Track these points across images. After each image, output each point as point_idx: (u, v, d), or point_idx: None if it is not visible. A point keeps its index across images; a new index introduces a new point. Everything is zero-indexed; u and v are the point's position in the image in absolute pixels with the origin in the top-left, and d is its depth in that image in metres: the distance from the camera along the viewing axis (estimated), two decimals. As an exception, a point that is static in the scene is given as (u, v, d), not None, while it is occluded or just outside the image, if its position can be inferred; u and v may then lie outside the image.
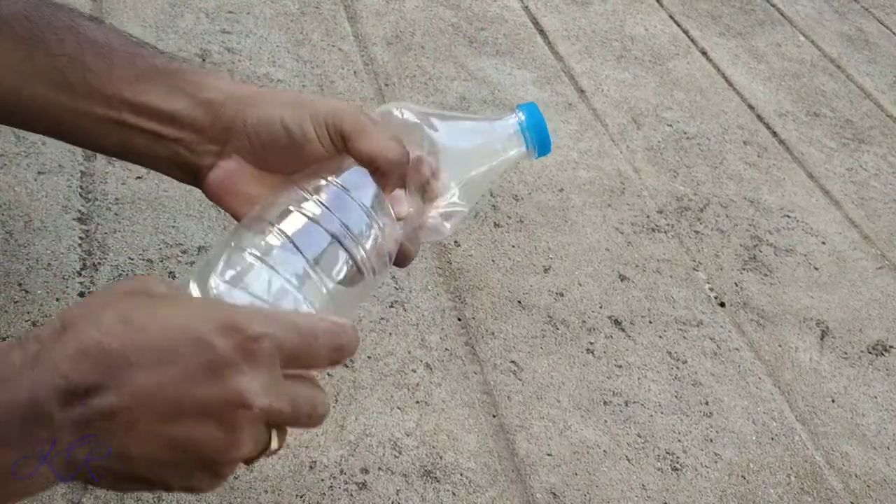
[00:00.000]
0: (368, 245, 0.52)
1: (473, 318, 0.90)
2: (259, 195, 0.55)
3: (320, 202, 0.51)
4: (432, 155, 0.57)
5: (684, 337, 0.95)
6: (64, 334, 0.39)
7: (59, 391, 0.38)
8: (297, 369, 0.44)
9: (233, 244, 0.50)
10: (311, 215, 0.51)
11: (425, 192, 0.57)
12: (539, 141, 0.59)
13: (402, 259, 0.56)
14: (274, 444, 0.43)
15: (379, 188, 0.54)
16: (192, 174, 0.57)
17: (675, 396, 0.88)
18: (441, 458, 0.76)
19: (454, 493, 0.74)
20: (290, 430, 0.45)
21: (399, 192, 0.55)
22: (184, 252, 0.86)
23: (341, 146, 0.54)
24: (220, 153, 0.56)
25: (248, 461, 0.43)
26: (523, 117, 0.59)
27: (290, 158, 0.55)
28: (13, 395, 0.38)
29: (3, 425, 0.38)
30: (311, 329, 0.44)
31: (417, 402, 0.80)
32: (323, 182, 0.53)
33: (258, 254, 0.49)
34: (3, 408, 0.38)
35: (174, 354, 0.39)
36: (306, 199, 0.52)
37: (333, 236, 0.51)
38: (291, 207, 0.51)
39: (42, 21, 0.53)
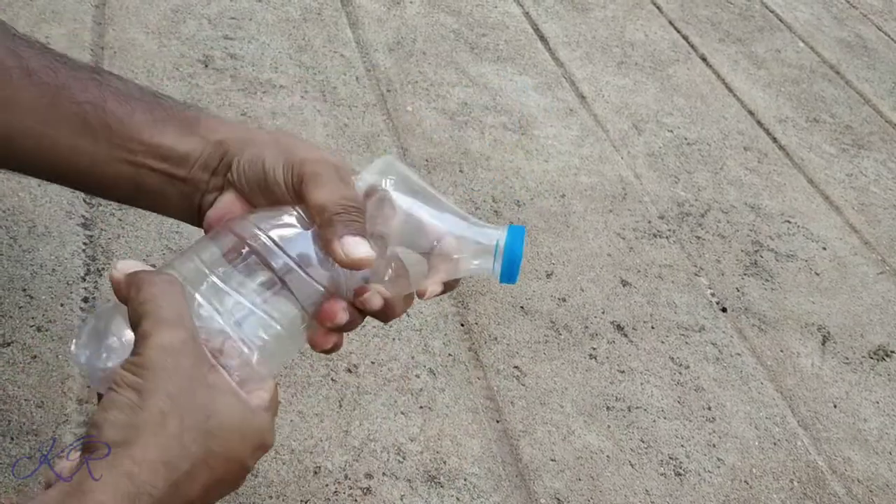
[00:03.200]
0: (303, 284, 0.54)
1: (476, 324, 0.90)
2: None
3: (261, 246, 0.54)
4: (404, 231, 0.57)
5: (686, 342, 0.95)
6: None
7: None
8: None
9: (214, 277, 0.53)
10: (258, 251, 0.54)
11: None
12: (507, 267, 0.56)
13: (383, 314, 0.57)
14: None
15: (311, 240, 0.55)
16: (196, 210, 0.60)
17: (678, 402, 0.88)
18: (445, 463, 0.76)
19: (458, 499, 0.74)
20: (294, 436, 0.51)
21: (352, 239, 0.54)
22: (187, 257, 0.86)
23: (298, 192, 0.55)
24: (221, 188, 0.59)
25: None
26: (504, 237, 0.56)
27: (268, 197, 0.57)
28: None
29: None
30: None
31: (421, 407, 0.80)
32: (257, 231, 0.54)
33: (223, 283, 0.52)
34: None
35: (223, 481, 0.50)
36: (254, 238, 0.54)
37: (274, 272, 0.53)
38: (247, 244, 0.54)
39: (67, 71, 0.57)
